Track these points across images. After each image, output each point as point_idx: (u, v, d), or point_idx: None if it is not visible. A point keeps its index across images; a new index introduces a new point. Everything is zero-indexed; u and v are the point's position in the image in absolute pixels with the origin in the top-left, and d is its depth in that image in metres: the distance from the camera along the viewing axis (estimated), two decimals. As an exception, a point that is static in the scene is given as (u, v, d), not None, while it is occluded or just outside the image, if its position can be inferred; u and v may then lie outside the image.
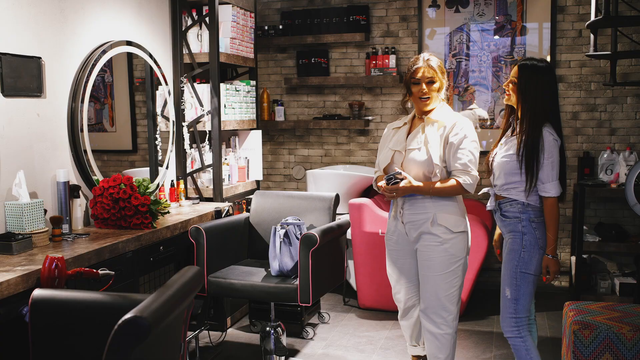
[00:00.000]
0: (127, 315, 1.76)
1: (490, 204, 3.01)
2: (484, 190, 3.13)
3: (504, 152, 2.92)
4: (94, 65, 3.51)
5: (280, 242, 3.39)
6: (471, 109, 5.22)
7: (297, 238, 3.40)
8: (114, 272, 2.78)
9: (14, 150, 3.04)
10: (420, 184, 2.93)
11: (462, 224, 3.04)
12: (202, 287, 2.96)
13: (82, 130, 3.43)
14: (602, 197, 4.95)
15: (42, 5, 3.20)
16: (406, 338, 3.42)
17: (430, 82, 3.02)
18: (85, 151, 3.47)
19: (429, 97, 3.02)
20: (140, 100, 4.34)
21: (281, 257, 3.39)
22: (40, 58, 3.17)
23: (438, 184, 2.94)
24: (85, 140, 3.46)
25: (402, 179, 2.90)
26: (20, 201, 2.97)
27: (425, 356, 3.38)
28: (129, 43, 3.85)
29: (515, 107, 2.96)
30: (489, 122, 5.21)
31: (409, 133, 3.10)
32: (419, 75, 3.01)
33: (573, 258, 4.93)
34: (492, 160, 3.00)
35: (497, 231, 3.24)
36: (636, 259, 4.75)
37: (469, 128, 3.00)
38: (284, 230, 3.42)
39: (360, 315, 4.63)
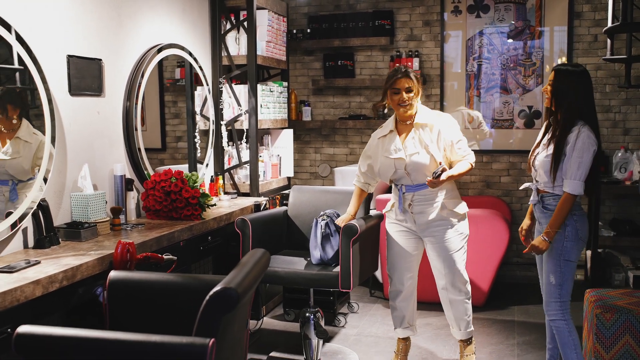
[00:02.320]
0: (217, 287, 2.00)
1: (533, 198, 3.23)
2: (525, 185, 3.38)
3: (548, 151, 3.11)
4: (146, 67, 3.76)
5: (322, 233, 3.64)
6: (459, 110, 5.48)
7: (337, 229, 3.64)
8: (176, 257, 3.02)
9: (78, 146, 3.29)
10: (454, 172, 3.35)
11: (465, 207, 3.55)
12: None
13: (136, 129, 3.68)
14: (617, 194, 5.18)
15: (102, 11, 3.45)
16: (402, 321, 3.67)
17: (409, 90, 3.41)
18: (139, 148, 3.72)
19: (408, 104, 3.42)
20: (170, 100, 4.59)
21: (322, 247, 3.64)
22: (100, 60, 3.42)
23: (460, 169, 3.38)
24: (139, 138, 3.71)
25: (443, 171, 3.27)
26: (85, 192, 3.22)
27: (408, 338, 3.74)
28: (175, 46, 4.10)
29: (552, 109, 3.15)
30: (478, 122, 5.46)
31: (400, 140, 3.49)
32: (398, 85, 3.41)
33: (589, 252, 5.16)
34: (534, 159, 3.20)
35: (527, 221, 3.42)
36: (649, 253, 4.99)
37: (451, 121, 3.48)
38: (325, 221, 3.67)
39: (386, 305, 4.87)
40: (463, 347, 3.68)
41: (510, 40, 5.39)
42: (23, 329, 1.95)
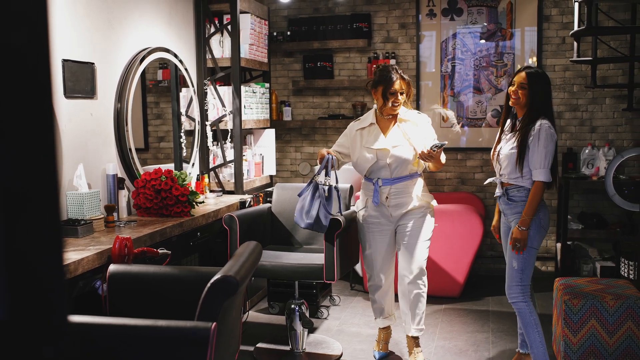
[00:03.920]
0: (218, 275, 2.17)
1: (498, 191, 3.49)
2: (490, 180, 3.63)
3: (512, 144, 3.37)
4: (136, 70, 3.90)
5: (324, 196, 3.57)
6: (433, 109, 5.71)
7: (326, 193, 3.61)
8: (170, 252, 3.18)
9: (72, 146, 3.43)
10: (442, 158, 3.51)
11: (433, 199, 3.71)
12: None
13: (127, 129, 3.82)
14: (584, 188, 5.44)
15: (94, 17, 3.59)
16: (382, 312, 3.83)
17: (402, 93, 3.61)
18: (130, 148, 3.86)
19: (399, 105, 3.60)
20: (152, 101, 4.73)
21: (310, 212, 3.57)
22: (93, 63, 3.56)
23: (443, 159, 3.54)
24: (130, 138, 3.85)
25: (441, 147, 3.39)
26: (80, 191, 3.35)
27: (389, 327, 3.91)
28: (162, 49, 4.24)
29: (517, 107, 3.41)
30: (457, 123, 5.67)
31: (382, 132, 3.62)
32: (396, 87, 3.56)
33: (559, 245, 5.42)
34: (498, 153, 3.45)
35: (496, 217, 3.69)
36: (615, 245, 5.25)
37: (429, 120, 3.70)
38: (327, 186, 3.61)
39: (366, 298, 5.06)
40: (414, 344, 3.75)
41: (482, 41, 5.62)
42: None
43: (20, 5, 0.57)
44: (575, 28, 4.77)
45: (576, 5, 4.79)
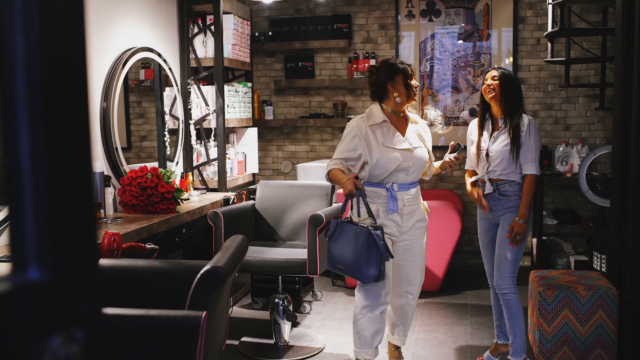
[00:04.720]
0: (207, 267, 2.26)
1: (488, 188, 3.50)
2: (475, 177, 3.61)
3: (503, 140, 3.45)
4: (122, 69, 3.97)
5: (366, 250, 3.14)
6: (424, 109, 5.83)
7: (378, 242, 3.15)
8: (158, 247, 3.26)
9: (59, 144, 3.48)
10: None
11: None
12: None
13: (113, 128, 3.89)
14: (559, 185, 5.59)
15: (80, 17, 3.65)
16: (369, 343, 3.38)
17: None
18: (116, 146, 3.92)
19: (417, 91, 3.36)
20: (134, 100, 4.79)
21: (369, 262, 3.15)
22: (79, 64, 3.62)
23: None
24: (116, 136, 3.91)
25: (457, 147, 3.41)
26: (68, 188, 3.41)
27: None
28: (147, 49, 4.31)
29: (493, 103, 3.51)
30: (443, 122, 5.81)
31: (398, 131, 3.31)
32: (412, 72, 3.34)
33: (534, 240, 5.57)
34: (487, 151, 3.50)
35: (477, 190, 3.60)
36: (588, 239, 5.42)
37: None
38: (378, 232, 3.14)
39: (348, 293, 5.17)
40: (398, 354, 3.62)
41: (460, 42, 5.76)
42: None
43: (62, 13, 0.66)
44: (549, 29, 4.92)
45: (550, 7, 4.94)
